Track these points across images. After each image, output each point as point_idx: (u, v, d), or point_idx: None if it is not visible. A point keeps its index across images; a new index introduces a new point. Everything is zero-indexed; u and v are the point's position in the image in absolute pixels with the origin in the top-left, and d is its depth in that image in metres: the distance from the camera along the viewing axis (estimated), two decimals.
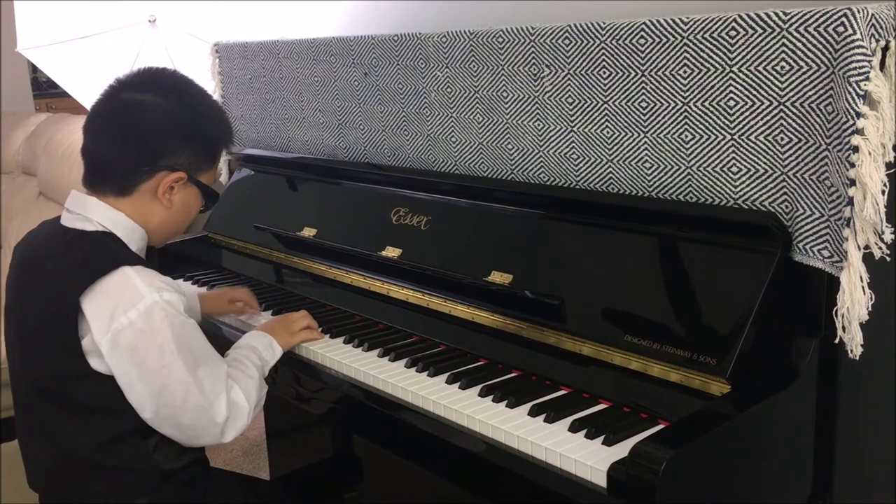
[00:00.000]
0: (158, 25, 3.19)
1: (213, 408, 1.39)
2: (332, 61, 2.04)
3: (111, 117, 1.46)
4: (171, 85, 1.50)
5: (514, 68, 1.61)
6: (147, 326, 1.34)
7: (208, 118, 1.52)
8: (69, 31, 3.29)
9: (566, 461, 1.19)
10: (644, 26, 1.38)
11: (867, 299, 1.18)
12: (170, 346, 1.35)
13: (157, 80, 1.50)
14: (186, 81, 1.53)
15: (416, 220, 1.79)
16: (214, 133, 1.53)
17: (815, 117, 1.22)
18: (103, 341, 1.33)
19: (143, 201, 1.46)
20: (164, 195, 1.46)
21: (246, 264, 2.20)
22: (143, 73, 1.50)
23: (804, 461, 1.31)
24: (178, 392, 1.36)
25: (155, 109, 1.44)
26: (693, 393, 1.26)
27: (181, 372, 1.35)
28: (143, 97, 1.45)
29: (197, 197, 1.53)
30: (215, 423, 1.39)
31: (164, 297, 1.36)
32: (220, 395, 1.40)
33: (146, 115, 1.45)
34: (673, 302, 1.34)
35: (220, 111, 1.57)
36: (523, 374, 1.47)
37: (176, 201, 1.49)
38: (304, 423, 2.41)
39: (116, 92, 1.47)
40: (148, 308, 1.34)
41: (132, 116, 1.45)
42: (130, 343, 1.33)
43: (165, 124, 1.45)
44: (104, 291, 1.35)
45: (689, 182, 1.40)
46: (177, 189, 1.48)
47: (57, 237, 1.45)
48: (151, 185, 1.45)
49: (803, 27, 1.20)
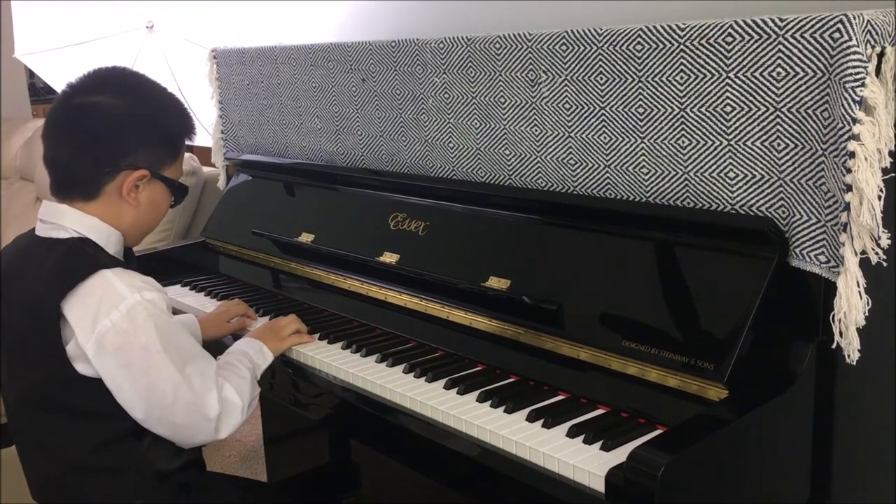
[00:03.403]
0: (156, 31, 3.20)
1: (204, 404, 1.38)
2: (330, 67, 2.04)
3: (66, 123, 1.45)
4: (122, 83, 1.49)
5: (512, 74, 1.61)
6: (130, 327, 1.34)
7: (165, 111, 1.50)
8: (67, 36, 3.29)
9: (564, 466, 1.19)
10: (641, 32, 1.39)
11: (864, 304, 1.18)
12: (155, 344, 1.35)
13: (107, 80, 1.48)
14: (138, 78, 1.52)
15: (414, 225, 1.79)
16: (173, 126, 1.52)
17: (812, 123, 1.23)
18: (88, 345, 1.33)
19: (110, 203, 1.45)
20: (130, 194, 1.45)
21: (243, 270, 2.20)
22: (93, 74, 1.49)
23: (802, 465, 1.32)
24: (167, 391, 1.35)
25: (108, 110, 1.44)
26: (691, 398, 1.26)
27: (169, 370, 1.35)
28: (95, 99, 1.44)
29: (164, 192, 1.51)
30: (208, 418, 1.39)
31: (145, 297, 1.36)
32: (211, 390, 1.39)
33: (100, 117, 1.44)
34: (670, 307, 1.34)
35: (177, 103, 1.55)
36: (521, 379, 1.47)
37: (143, 199, 1.47)
38: (302, 428, 2.41)
39: (69, 97, 1.46)
40: (130, 309, 1.34)
41: (86, 120, 1.44)
42: (115, 344, 1.33)
43: (121, 124, 1.44)
44: (85, 296, 1.35)
45: (686, 187, 1.40)
46: (142, 187, 1.46)
47: (34, 248, 1.45)
48: (116, 186, 1.44)
49: (799, 33, 1.21)
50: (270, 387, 1.72)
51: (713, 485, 1.16)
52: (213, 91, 2.50)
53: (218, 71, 2.47)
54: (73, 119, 1.45)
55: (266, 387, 1.69)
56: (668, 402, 1.28)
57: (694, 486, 1.12)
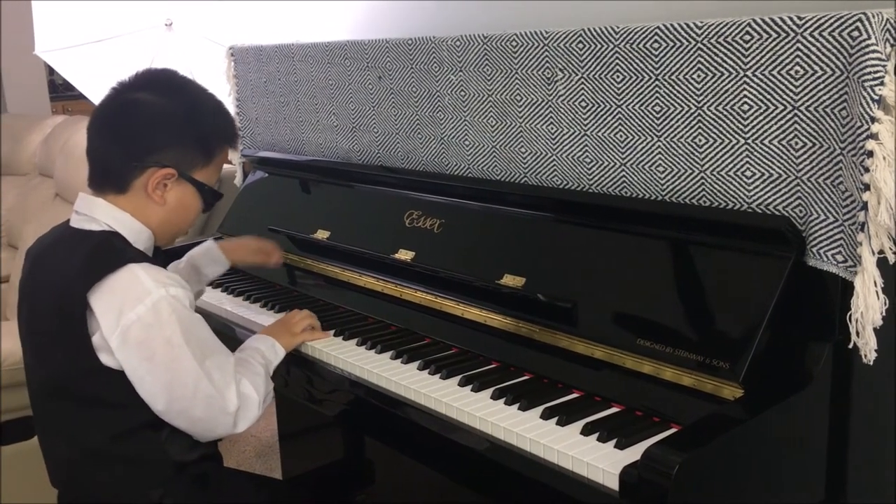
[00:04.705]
0: (175, 29, 3.22)
1: (223, 398, 1.40)
2: (347, 64, 2.05)
3: (107, 116, 1.49)
4: (167, 83, 1.51)
5: (528, 72, 1.61)
6: (155, 320, 1.35)
7: (202, 114, 1.51)
8: (86, 34, 3.32)
9: (578, 464, 1.19)
10: (658, 30, 1.39)
11: (881, 304, 1.17)
12: (178, 338, 1.36)
13: (154, 79, 1.51)
14: (185, 80, 1.54)
15: (430, 222, 1.79)
16: (209, 129, 1.52)
17: (830, 122, 1.22)
18: (112, 337, 1.35)
19: (139, 199, 1.46)
20: (155, 191, 1.46)
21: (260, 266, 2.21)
22: (143, 73, 1.51)
23: (817, 466, 1.31)
24: (188, 384, 1.37)
25: (145, 106, 1.46)
26: (705, 397, 1.26)
27: (190, 363, 1.37)
28: (138, 95, 1.47)
29: (193, 195, 1.51)
30: (227, 412, 1.41)
31: (170, 292, 1.38)
32: (230, 385, 1.41)
33: (137, 112, 1.46)
34: (686, 306, 1.34)
35: (219, 109, 1.56)
36: (535, 376, 1.47)
37: (171, 199, 1.48)
38: (317, 424, 2.41)
39: (116, 92, 1.49)
40: (155, 303, 1.36)
41: (124, 114, 1.47)
42: (139, 338, 1.35)
43: (156, 120, 1.46)
44: (111, 288, 1.37)
45: (702, 186, 1.39)
46: (170, 186, 1.47)
47: (65, 238, 1.47)
48: (143, 182, 1.46)
49: (818, 31, 1.20)
50: (285, 383, 1.73)
51: (727, 484, 1.16)
52: (231, 88, 2.51)
53: (235, 68, 2.49)
54: (113, 113, 1.48)
55: (281, 383, 1.69)
56: (682, 401, 1.28)
57: (708, 485, 1.11)
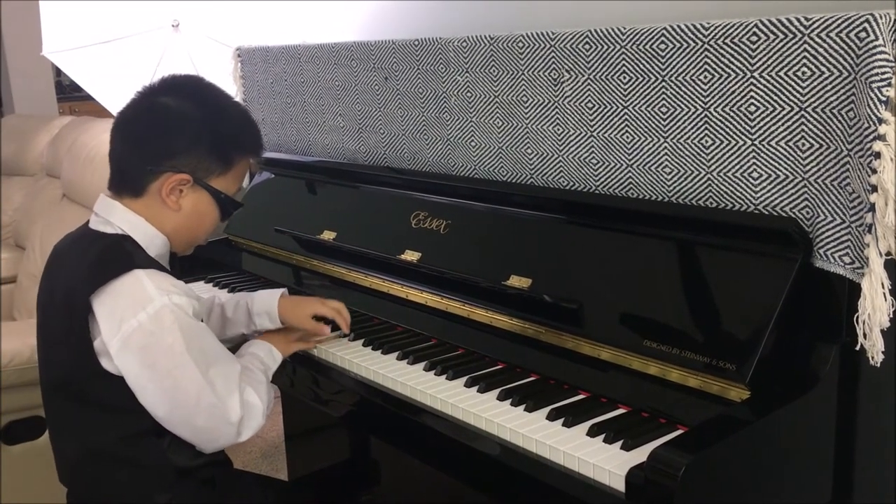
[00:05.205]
0: (181, 30, 3.22)
1: (226, 407, 1.39)
2: (353, 65, 2.05)
3: (128, 119, 1.48)
4: (191, 89, 1.51)
5: (535, 73, 1.61)
6: (157, 328, 1.35)
7: (222, 122, 1.49)
8: (93, 35, 3.32)
9: (584, 465, 1.19)
10: (664, 31, 1.38)
11: (888, 306, 1.17)
12: (180, 346, 1.35)
13: (178, 84, 1.51)
14: (209, 86, 1.53)
15: (436, 223, 1.79)
16: (227, 137, 1.50)
17: (837, 123, 1.22)
18: (112, 343, 1.35)
19: (154, 204, 1.46)
20: (170, 197, 1.45)
21: (266, 267, 2.22)
22: (168, 78, 1.51)
23: (824, 467, 1.31)
24: (190, 392, 1.36)
25: (165, 111, 1.46)
26: (712, 399, 1.26)
27: (193, 372, 1.36)
28: (160, 99, 1.47)
29: (210, 203, 1.50)
30: (230, 422, 1.39)
31: (173, 300, 1.36)
32: (233, 394, 1.40)
33: (156, 116, 1.46)
34: (692, 307, 1.34)
35: (242, 118, 1.54)
36: (541, 378, 1.47)
37: (186, 205, 1.47)
38: (323, 425, 2.42)
39: (141, 97, 1.49)
40: (157, 311, 1.35)
41: (145, 118, 1.47)
42: (140, 345, 1.34)
43: (173, 125, 1.46)
44: (115, 293, 1.36)
45: (709, 187, 1.39)
46: (185, 192, 1.46)
47: (81, 239, 1.48)
48: (157, 186, 1.45)
49: (825, 32, 1.20)
50: (291, 383, 1.73)
51: (734, 486, 1.15)
52: (237, 89, 2.51)
53: (242, 69, 2.49)
54: (134, 116, 1.48)
55: (287, 383, 1.70)
56: (689, 403, 1.28)
57: (714, 486, 1.11)
